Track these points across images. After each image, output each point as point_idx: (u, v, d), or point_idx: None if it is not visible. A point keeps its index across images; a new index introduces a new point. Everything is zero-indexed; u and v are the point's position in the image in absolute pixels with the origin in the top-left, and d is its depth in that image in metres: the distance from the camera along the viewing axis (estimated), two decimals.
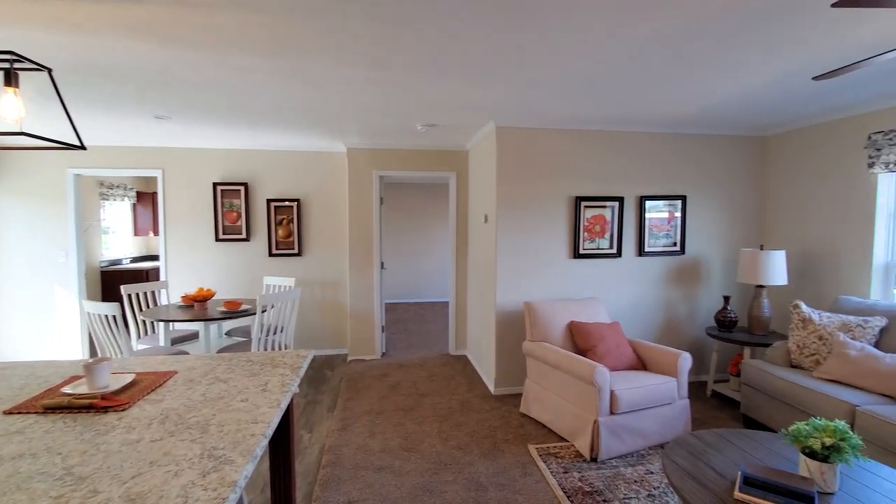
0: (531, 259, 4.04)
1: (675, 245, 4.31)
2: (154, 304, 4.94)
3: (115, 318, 3.25)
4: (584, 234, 4.12)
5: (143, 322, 4.71)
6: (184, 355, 2.18)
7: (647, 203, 4.21)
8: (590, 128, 4.06)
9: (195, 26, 2.04)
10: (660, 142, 4.22)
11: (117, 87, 2.92)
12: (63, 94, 3.05)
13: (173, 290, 5.03)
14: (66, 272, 4.93)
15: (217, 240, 5.04)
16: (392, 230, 8.79)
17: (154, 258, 7.38)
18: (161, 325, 3.95)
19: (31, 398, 1.60)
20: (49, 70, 1.97)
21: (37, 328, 4.96)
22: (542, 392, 3.45)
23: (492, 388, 4.13)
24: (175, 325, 4.65)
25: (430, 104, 3.36)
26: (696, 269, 4.37)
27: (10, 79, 1.86)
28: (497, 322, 4.02)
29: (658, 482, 2.69)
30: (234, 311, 3.79)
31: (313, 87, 2.92)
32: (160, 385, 1.75)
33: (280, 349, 3.76)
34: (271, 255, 5.14)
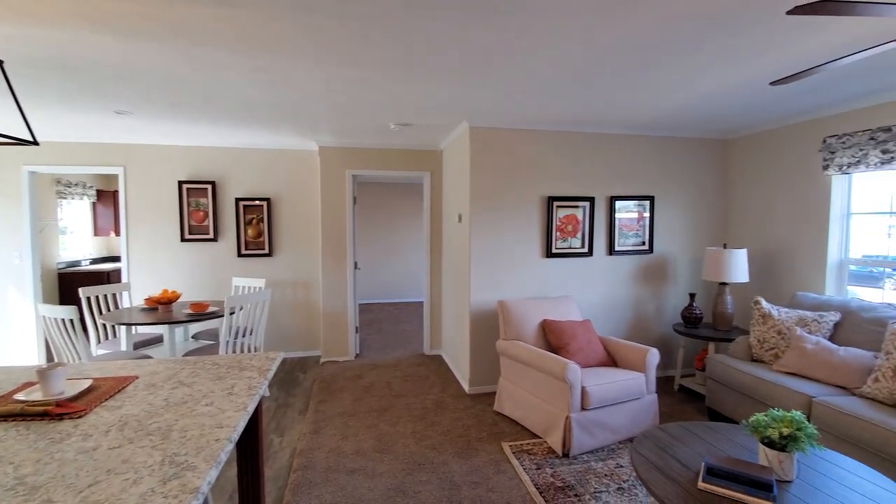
0: (505, 258, 4.07)
1: (643, 244, 4.42)
2: (115, 308, 4.74)
3: (72, 321, 3.11)
4: (557, 234, 4.18)
5: (103, 326, 4.52)
6: (146, 359, 2.10)
7: (617, 203, 4.31)
8: (562, 129, 4.13)
9: (157, 19, 1.96)
10: (629, 143, 4.32)
11: (74, 80, 2.79)
12: (15, 87, 2.89)
13: (136, 292, 4.85)
14: (20, 274, 4.68)
15: (183, 240, 4.88)
16: (366, 230, 8.71)
17: (115, 259, 7.09)
18: (122, 328, 3.80)
19: None
20: (0, 62, 1.86)
21: None
22: (515, 390, 3.48)
23: (466, 388, 4.14)
24: (138, 329, 4.47)
25: (403, 103, 3.34)
26: (663, 267, 4.49)
27: None
28: (471, 321, 4.03)
29: (627, 475, 2.75)
30: (200, 314, 3.68)
31: (283, 84, 2.86)
32: (119, 391, 1.68)
33: (250, 352, 3.67)
34: (240, 255, 5.01)
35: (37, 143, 1.91)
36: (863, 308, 3.12)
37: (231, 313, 3.56)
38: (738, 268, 3.85)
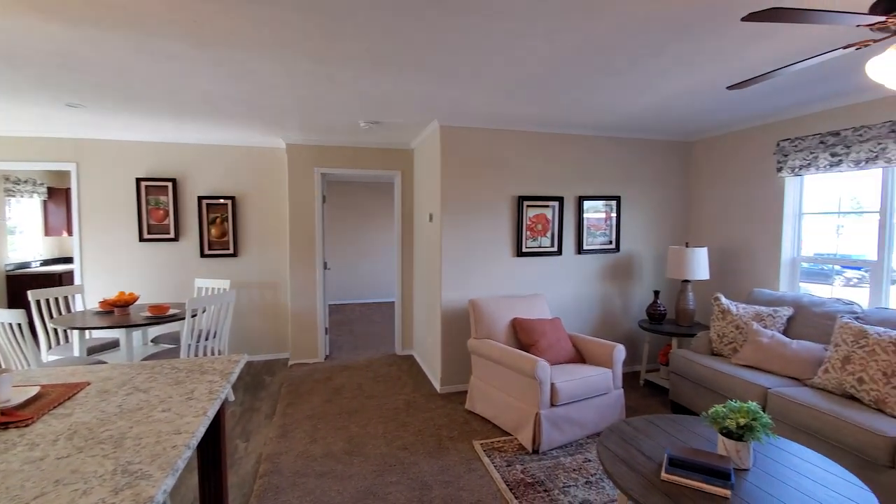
0: (476, 257, 4.09)
1: (610, 243, 4.52)
2: (68, 311, 4.49)
3: (20, 326, 2.93)
4: (527, 233, 4.22)
5: (54, 331, 4.28)
6: (99, 365, 2.00)
7: (586, 203, 4.39)
8: (532, 129, 4.17)
9: (104, 6, 1.87)
10: (597, 145, 4.41)
11: (18, 71, 2.62)
12: None
13: (90, 295, 4.61)
14: None
15: (141, 240, 4.67)
16: (336, 229, 8.58)
17: (68, 260, 6.73)
18: (75, 333, 3.60)
19: None
20: None
21: None
22: (486, 388, 3.50)
23: (438, 387, 4.13)
24: (92, 334, 4.26)
25: (372, 101, 3.30)
26: (629, 265, 4.61)
27: None
28: (442, 320, 4.03)
29: (595, 469, 2.80)
30: (160, 317, 3.53)
31: (244, 79, 2.78)
32: (69, 398, 1.60)
33: (213, 356, 3.55)
34: (203, 255, 4.84)
35: None
36: (814, 303, 3.29)
37: (193, 316, 3.43)
38: (700, 266, 3.99)
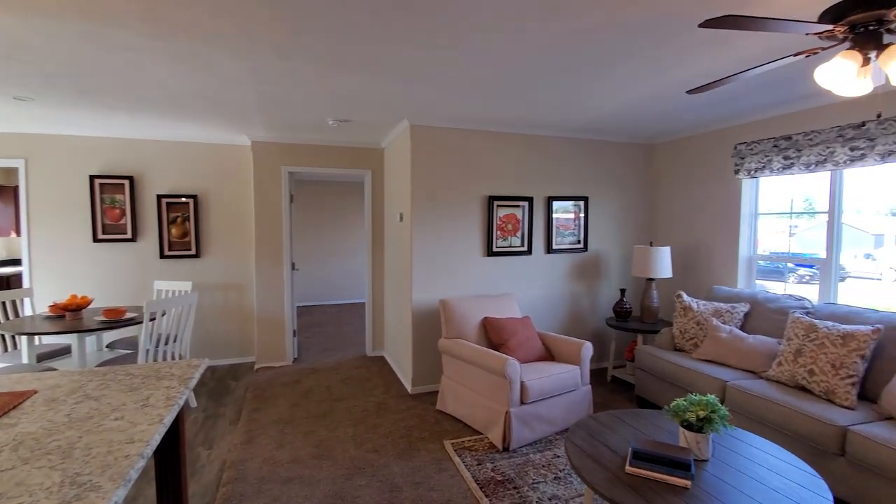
0: (446, 257, 4.09)
1: (579, 243, 4.61)
2: (16, 316, 4.23)
3: None
4: (498, 233, 4.25)
5: (1, 337, 4.03)
6: (48, 372, 1.89)
7: (555, 203, 4.46)
8: (502, 130, 4.20)
9: None
10: (566, 146, 4.48)
11: None
12: None
13: (40, 298, 4.36)
14: None
15: (96, 240, 4.44)
16: (305, 229, 8.42)
17: (16, 262, 6.33)
18: (24, 339, 3.39)
19: None
20: None
21: None
22: (457, 388, 3.50)
23: (409, 388, 4.10)
24: (42, 340, 4.03)
25: (340, 99, 3.25)
26: (597, 264, 4.71)
27: None
28: (413, 321, 4.01)
29: (563, 465, 2.85)
30: (115, 321, 3.37)
31: (207, 73, 2.68)
32: (14, 407, 1.50)
33: (173, 361, 3.42)
34: (163, 256, 4.65)
35: None
36: (768, 299, 3.44)
37: (151, 319, 3.29)
38: (663, 264, 4.11)
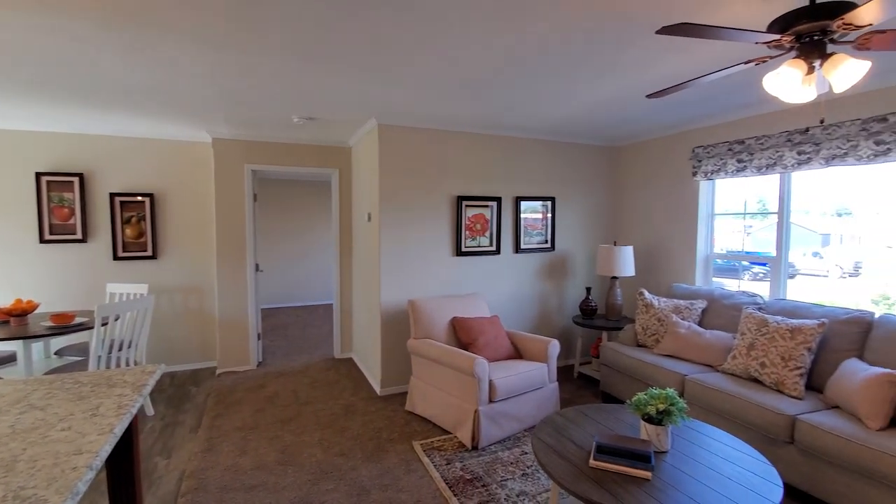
0: (415, 257, 4.07)
1: (546, 242, 4.68)
2: None
3: None
4: (466, 233, 4.27)
5: None
6: None
7: (523, 204, 4.51)
8: (471, 130, 4.22)
9: None
10: (533, 147, 4.55)
11: None
12: None
13: None
14: None
15: (42, 241, 4.18)
16: (270, 230, 8.21)
17: None
18: None
19: None
20: None
21: None
22: (426, 388, 3.49)
23: (378, 389, 4.06)
24: None
25: (305, 96, 3.18)
26: (564, 264, 4.80)
27: None
28: (382, 322, 3.97)
29: (531, 461, 2.88)
30: (64, 326, 3.19)
31: (165, 67, 2.57)
32: None
33: (128, 367, 3.26)
34: (117, 258, 4.42)
35: None
36: (724, 296, 3.59)
37: (104, 324, 3.13)
38: (626, 263, 4.23)
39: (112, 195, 4.38)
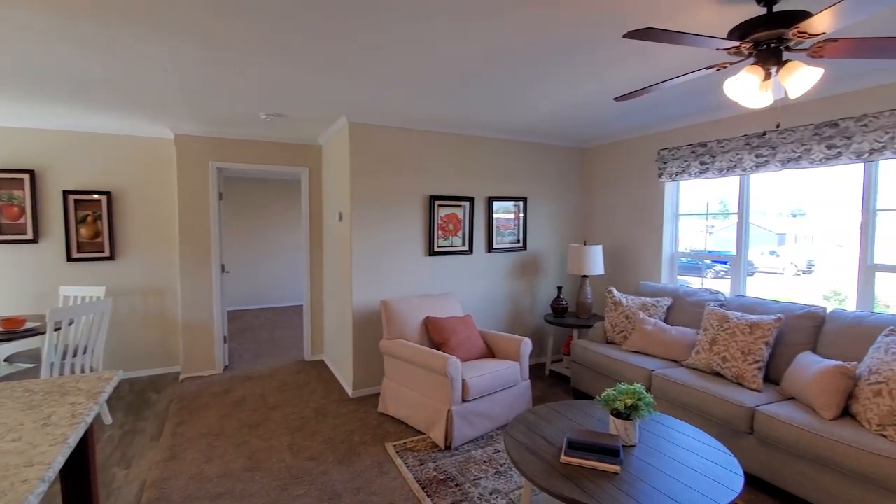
0: (388, 257, 4.03)
1: (518, 242, 4.73)
2: None
3: None
4: (439, 233, 4.26)
5: None
6: None
7: (495, 204, 4.54)
8: (443, 130, 4.22)
9: None
10: (505, 147, 4.58)
11: None
12: None
13: None
14: None
15: None
16: (236, 229, 7.98)
17: None
18: None
19: None
20: None
21: None
22: (399, 389, 3.46)
23: (350, 392, 4.01)
24: None
25: (273, 92, 3.10)
26: (536, 263, 4.86)
27: None
28: (354, 322, 3.92)
29: (504, 459, 2.90)
30: (13, 332, 3.00)
31: (125, 59, 2.45)
32: None
33: (83, 374, 3.10)
34: (71, 259, 4.19)
35: None
36: (688, 293, 3.72)
37: (56, 329, 2.96)
38: (596, 262, 4.32)
39: (66, 193, 4.15)
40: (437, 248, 4.25)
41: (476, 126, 4.18)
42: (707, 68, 1.96)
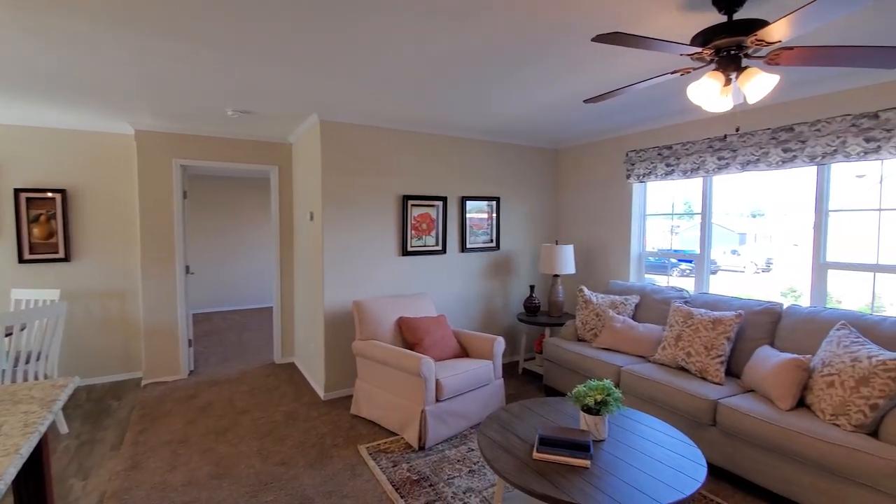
0: (360, 257, 3.99)
1: (491, 242, 4.76)
2: None
3: None
4: (412, 232, 4.24)
5: None
6: None
7: (468, 203, 4.56)
8: (416, 129, 4.20)
9: None
10: (478, 147, 4.60)
11: None
12: None
13: None
14: None
15: None
16: (202, 229, 7.73)
17: None
18: None
19: None
20: None
21: None
22: (372, 390, 3.43)
23: (322, 394, 3.94)
24: None
25: (240, 88, 3.02)
26: (508, 262, 4.91)
27: None
28: (326, 324, 3.85)
29: (477, 458, 2.91)
30: None
31: (81, 50, 2.34)
32: None
33: (36, 381, 2.93)
34: (23, 261, 3.96)
35: None
36: (654, 291, 3.82)
37: (8, 335, 2.80)
38: (567, 261, 4.40)
39: (17, 191, 3.92)
40: (410, 248, 4.23)
41: (449, 126, 4.18)
42: (672, 73, 2.02)
